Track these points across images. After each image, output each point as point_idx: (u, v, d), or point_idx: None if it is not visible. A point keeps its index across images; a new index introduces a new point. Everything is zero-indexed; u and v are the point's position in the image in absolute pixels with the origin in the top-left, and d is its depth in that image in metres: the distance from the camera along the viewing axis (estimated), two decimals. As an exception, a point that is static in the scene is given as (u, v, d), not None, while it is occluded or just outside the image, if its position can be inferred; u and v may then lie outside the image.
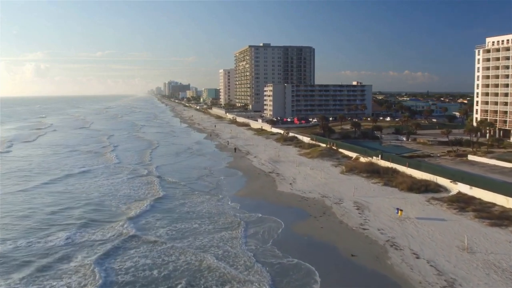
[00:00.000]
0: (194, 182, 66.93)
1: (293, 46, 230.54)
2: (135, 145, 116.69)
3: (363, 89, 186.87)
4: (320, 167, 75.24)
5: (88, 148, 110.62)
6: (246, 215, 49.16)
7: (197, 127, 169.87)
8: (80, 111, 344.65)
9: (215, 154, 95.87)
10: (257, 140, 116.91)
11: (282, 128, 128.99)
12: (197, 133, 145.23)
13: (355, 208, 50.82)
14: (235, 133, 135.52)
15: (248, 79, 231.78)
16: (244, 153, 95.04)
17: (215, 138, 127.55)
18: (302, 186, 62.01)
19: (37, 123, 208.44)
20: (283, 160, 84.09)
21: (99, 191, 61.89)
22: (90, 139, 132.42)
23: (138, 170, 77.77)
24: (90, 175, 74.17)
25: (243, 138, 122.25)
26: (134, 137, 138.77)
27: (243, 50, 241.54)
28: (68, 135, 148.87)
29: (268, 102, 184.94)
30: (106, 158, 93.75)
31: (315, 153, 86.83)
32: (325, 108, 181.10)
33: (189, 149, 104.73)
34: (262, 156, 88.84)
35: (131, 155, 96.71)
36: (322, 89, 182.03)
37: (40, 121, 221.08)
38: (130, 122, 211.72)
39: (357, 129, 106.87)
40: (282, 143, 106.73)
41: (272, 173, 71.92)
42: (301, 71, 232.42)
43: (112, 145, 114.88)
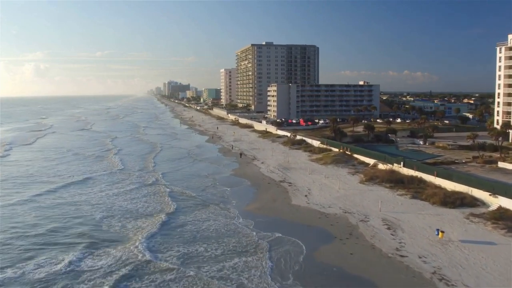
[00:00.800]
0: (201, 194, 59.94)
1: (296, 45, 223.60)
2: (138, 148, 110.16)
3: (371, 89, 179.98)
4: (336, 175, 68.33)
5: (90, 152, 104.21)
6: (261, 234, 42.56)
7: (198, 128, 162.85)
8: (80, 111, 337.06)
9: (219, 160, 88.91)
10: (262, 143, 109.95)
11: (289, 131, 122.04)
12: (199, 136, 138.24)
13: (385, 227, 43.96)
14: (238, 136, 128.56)
15: (251, 79, 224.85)
16: (250, 158, 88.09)
17: (218, 141, 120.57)
18: (320, 199, 55.09)
19: (37, 124, 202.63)
20: (294, 166, 77.13)
21: (104, 203, 54.97)
22: (92, 142, 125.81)
23: (144, 178, 71.31)
24: (93, 183, 67.32)
25: (247, 141, 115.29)
26: (137, 139, 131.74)
27: (245, 49, 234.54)
28: (69, 137, 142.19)
29: (271, 102, 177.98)
30: (110, 163, 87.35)
31: (328, 159, 79.89)
32: (331, 109, 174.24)
33: (191, 153, 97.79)
34: (270, 162, 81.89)
35: (135, 160, 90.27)
36: (328, 89, 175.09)
37: (40, 122, 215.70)
38: (132, 123, 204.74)
39: (370, 132, 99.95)
40: (290, 147, 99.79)
41: (283, 182, 64.99)
42: (305, 70, 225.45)
43: (115, 148, 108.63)
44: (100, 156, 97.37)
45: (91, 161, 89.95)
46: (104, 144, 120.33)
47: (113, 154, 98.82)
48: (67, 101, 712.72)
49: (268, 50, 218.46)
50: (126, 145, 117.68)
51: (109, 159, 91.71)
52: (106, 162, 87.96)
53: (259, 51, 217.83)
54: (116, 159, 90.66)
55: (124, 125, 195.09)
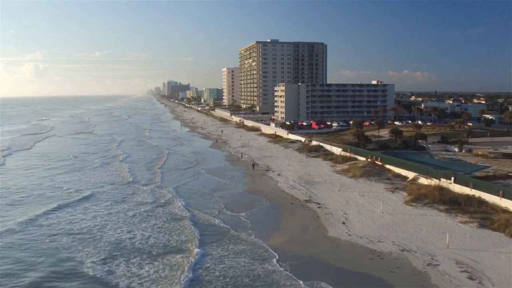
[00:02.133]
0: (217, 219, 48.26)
1: (304, 42, 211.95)
2: (144, 155, 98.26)
3: (385, 89, 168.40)
4: (371, 192, 56.83)
5: (94, 158, 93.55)
6: (303, 284, 31.25)
7: (201, 131, 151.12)
8: (82, 112, 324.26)
9: (228, 170, 77.27)
10: (274, 149, 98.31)
11: (302, 135, 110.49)
12: (202, 140, 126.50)
13: (464, 275, 32.52)
14: (246, 140, 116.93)
15: (255, 78, 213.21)
16: (264, 168, 76.49)
17: (224, 146, 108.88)
18: (363, 228, 43.53)
19: (37, 126, 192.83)
20: (317, 180, 65.54)
21: (112, 236, 42.56)
22: (96, 147, 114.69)
23: (156, 194, 59.91)
24: (98, 202, 55.69)
25: (256, 147, 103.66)
26: (142, 144, 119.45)
27: (249, 46, 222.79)
28: (71, 141, 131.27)
29: (279, 103, 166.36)
30: (117, 173, 76.34)
31: (357, 170, 68.31)
32: (343, 110, 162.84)
33: (197, 161, 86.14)
34: (288, 174, 70.30)
35: (143, 170, 79.05)
36: (340, 89, 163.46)
37: (40, 124, 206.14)
38: (134, 125, 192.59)
39: (397, 138, 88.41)
40: (307, 155, 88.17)
41: (310, 203, 53.41)
42: (312, 69, 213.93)
43: (122, 154, 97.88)
44: (105, 163, 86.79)
45: (96, 170, 78.85)
46: (108, 149, 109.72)
47: (119, 161, 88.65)
48: (67, 101, 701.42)
49: (273, 48, 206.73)
50: (131, 150, 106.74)
51: (116, 168, 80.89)
52: (113, 172, 76.84)
53: (264, 49, 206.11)
54: (123, 168, 79.70)
55: (127, 127, 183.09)
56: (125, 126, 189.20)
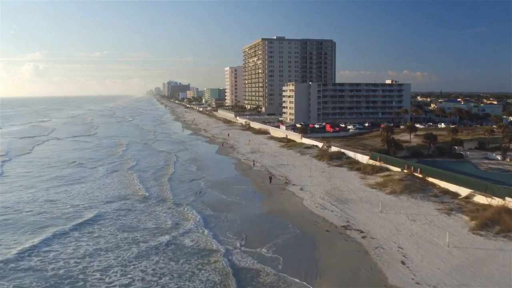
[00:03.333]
0: (243, 254, 37.86)
1: (312, 39, 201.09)
2: (152, 161, 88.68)
3: (401, 89, 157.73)
4: (422, 215, 46.31)
5: (100, 165, 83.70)
6: None
7: (204, 134, 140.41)
8: (84, 113, 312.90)
9: (239, 182, 66.56)
10: (289, 156, 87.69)
11: (318, 139, 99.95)
12: (206, 144, 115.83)
13: None
14: (255, 145, 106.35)
15: (260, 77, 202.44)
16: (282, 181, 65.90)
17: (231, 152, 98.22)
18: (431, 271, 32.98)
19: (38, 127, 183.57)
20: (350, 196, 54.98)
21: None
22: (101, 151, 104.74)
23: (177, 217, 49.24)
24: (105, 229, 45.06)
25: (268, 153, 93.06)
26: (149, 149, 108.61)
27: (254, 44, 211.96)
28: (73, 144, 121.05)
29: (287, 104, 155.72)
30: (128, 184, 66.38)
31: (395, 184, 57.74)
32: (356, 112, 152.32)
33: (204, 171, 75.36)
34: (313, 189, 59.73)
35: (151, 180, 69.31)
36: (353, 88, 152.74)
37: (41, 125, 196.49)
38: (138, 127, 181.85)
39: (431, 143, 77.83)
40: (329, 163, 77.57)
41: (350, 230, 42.87)
42: (321, 68, 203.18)
43: (130, 160, 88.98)
44: (112, 171, 77.47)
45: (102, 181, 68.77)
46: (114, 154, 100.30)
47: (127, 169, 79.21)
48: (67, 101, 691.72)
49: (280, 45, 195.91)
50: (138, 155, 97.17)
51: (123, 178, 71.32)
52: (121, 183, 67.04)
53: (270, 46, 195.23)
54: (133, 179, 69.93)
55: (130, 129, 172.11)
56: (128, 127, 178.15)
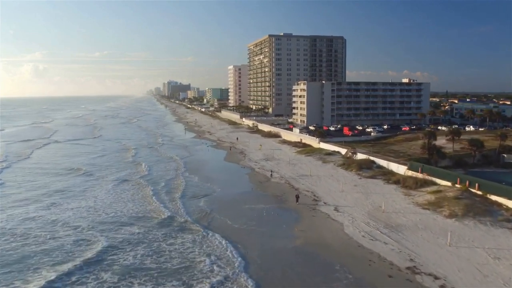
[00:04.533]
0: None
1: (322, 36, 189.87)
2: (163, 168, 79.18)
3: (419, 88, 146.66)
4: (505, 250, 35.40)
5: (106, 174, 73.81)
6: None
7: (210, 138, 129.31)
8: (87, 113, 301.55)
9: (258, 200, 55.49)
10: (310, 164, 76.62)
11: (338, 144, 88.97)
12: (213, 150, 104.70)
13: None
14: (267, 150, 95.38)
15: (267, 76, 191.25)
16: (310, 197, 54.86)
17: (242, 159, 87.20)
18: None
19: (39, 129, 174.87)
20: (401, 221, 43.97)
21: None
22: (108, 156, 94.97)
23: (208, 252, 38.13)
24: (118, 268, 34.47)
25: (285, 160, 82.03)
26: (157, 154, 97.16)
27: (260, 41, 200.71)
28: (76, 148, 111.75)
29: (298, 104, 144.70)
30: (138, 200, 56.05)
31: (452, 204, 46.73)
32: (372, 113, 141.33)
33: (217, 184, 63.90)
34: (351, 210, 48.70)
35: (168, 197, 57.86)
36: (369, 88, 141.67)
37: (42, 126, 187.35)
38: (142, 128, 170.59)
39: (476, 151, 66.79)
40: (358, 173, 66.64)
41: (419, 274, 32.05)
42: (331, 66, 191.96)
43: (142, 168, 79.03)
44: (124, 180, 68.04)
45: (114, 195, 58.26)
46: (123, 159, 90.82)
47: (138, 178, 69.47)
48: (67, 101, 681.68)
49: (288, 42, 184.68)
50: (147, 161, 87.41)
51: (136, 191, 61.13)
52: (136, 199, 56.53)
53: (278, 43, 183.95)
54: (146, 192, 59.93)
55: (135, 131, 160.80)
56: (132, 129, 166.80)
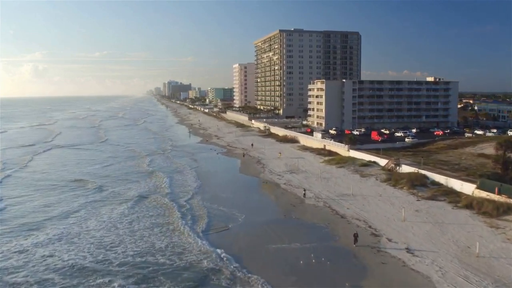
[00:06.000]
0: None
1: (336, 32, 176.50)
2: (181, 182, 66.88)
3: (447, 88, 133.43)
4: None
5: (119, 188, 62.35)
6: None
7: (218, 143, 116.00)
8: (90, 114, 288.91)
9: (299, 235, 42.27)
10: (345, 178, 63.46)
11: (373, 153, 75.77)
12: (225, 158, 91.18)
13: None
14: (288, 159, 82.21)
15: (277, 75, 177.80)
16: (365, 230, 41.64)
17: (261, 171, 73.99)
18: None
19: (41, 130, 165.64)
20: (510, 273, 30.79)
21: None
22: (117, 165, 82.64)
23: None
24: None
25: (313, 173, 68.79)
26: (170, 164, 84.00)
27: (269, 37, 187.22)
28: (82, 154, 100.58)
29: (315, 105, 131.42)
30: (164, 229, 44.15)
31: None
32: (396, 115, 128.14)
33: (238, 214, 50.01)
34: (432, 254, 35.47)
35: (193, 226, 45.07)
36: (394, 87, 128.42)
37: (45, 128, 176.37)
38: (150, 131, 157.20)
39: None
40: (412, 192, 53.61)
41: None
42: (346, 64, 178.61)
43: (161, 180, 67.45)
44: (143, 197, 56.55)
45: (134, 224, 45.60)
46: (135, 168, 78.85)
47: (162, 196, 57.01)
48: (68, 101, 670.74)
49: (300, 38, 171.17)
50: (165, 169, 77.18)
51: (160, 215, 48.77)
52: (158, 227, 44.49)
53: (289, 39, 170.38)
54: (174, 216, 47.76)
55: (142, 134, 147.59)
56: (139, 132, 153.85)
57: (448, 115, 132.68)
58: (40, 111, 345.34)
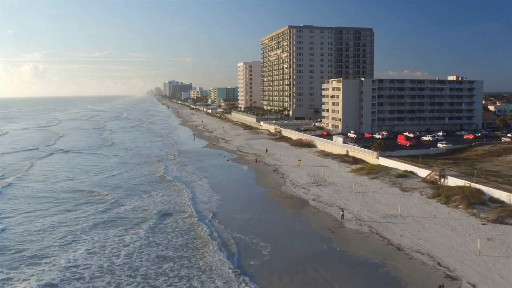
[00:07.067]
0: None
1: (348, 28, 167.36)
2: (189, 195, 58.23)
3: (472, 87, 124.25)
4: None
5: (134, 204, 53.76)
6: None
7: (226, 147, 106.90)
8: (93, 114, 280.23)
9: (348, 279, 33.22)
10: (383, 192, 54.43)
11: (407, 161, 66.67)
12: (237, 166, 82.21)
13: None
14: (309, 167, 73.24)
15: (286, 74, 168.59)
16: (442, 276, 32.49)
17: (282, 182, 64.92)
18: None
19: (44, 131, 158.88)
20: None
21: None
22: (128, 174, 73.89)
23: None
24: None
25: (344, 186, 59.73)
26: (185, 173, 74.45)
27: (277, 33, 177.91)
28: (89, 160, 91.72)
29: (329, 106, 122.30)
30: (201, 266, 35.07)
31: None
32: (418, 116, 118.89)
33: (263, 244, 40.97)
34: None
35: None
36: (415, 86, 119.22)
37: (49, 129, 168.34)
38: (157, 133, 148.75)
39: None
40: (471, 213, 44.61)
41: None
42: (359, 62, 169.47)
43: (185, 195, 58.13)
44: (166, 214, 49.25)
45: (158, 261, 36.26)
46: (151, 177, 70.58)
47: (184, 217, 48.15)
48: (68, 101, 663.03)
49: (310, 35, 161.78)
50: (176, 181, 67.09)
51: (195, 249, 39.15)
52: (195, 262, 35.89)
53: (299, 36, 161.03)
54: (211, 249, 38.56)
55: (150, 137, 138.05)
56: (146, 135, 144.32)
57: (472, 117, 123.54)
58: (41, 111, 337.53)
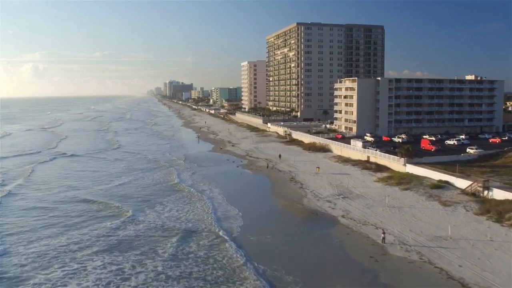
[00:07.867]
0: None
1: (359, 25, 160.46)
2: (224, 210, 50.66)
3: (492, 87, 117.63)
4: None
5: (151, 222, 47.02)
6: None
7: (233, 151, 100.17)
8: (95, 115, 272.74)
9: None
10: (420, 206, 47.85)
11: (439, 169, 60.06)
12: (247, 173, 75.49)
13: None
14: (329, 175, 66.62)
15: (293, 73, 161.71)
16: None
17: (302, 194, 58.29)
18: None
19: (45, 133, 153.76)
20: None
21: None
22: (137, 182, 67.19)
23: None
24: None
25: (374, 199, 53.16)
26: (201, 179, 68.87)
27: (284, 31, 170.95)
28: (93, 165, 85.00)
29: (342, 107, 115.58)
30: None
31: None
32: (436, 118, 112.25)
33: (284, 278, 34.82)
34: None
35: None
36: (434, 86, 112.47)
37: (51, 131, 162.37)
38: (162, 135, 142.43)
39: None
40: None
41: None
42: (370, 61, 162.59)
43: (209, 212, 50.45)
44: (189, 236, 42.57)
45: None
46: (163, 187, 63.64)
47: (224, 242, 40.61)
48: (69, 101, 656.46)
49: (319, 32, 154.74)
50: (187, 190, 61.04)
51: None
52: None
53: (308, 33, 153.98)
54: None
55: (155, 139, 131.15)
56: (152, 137, 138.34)
57: (492, 119, 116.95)
58: (42, 112, 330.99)
